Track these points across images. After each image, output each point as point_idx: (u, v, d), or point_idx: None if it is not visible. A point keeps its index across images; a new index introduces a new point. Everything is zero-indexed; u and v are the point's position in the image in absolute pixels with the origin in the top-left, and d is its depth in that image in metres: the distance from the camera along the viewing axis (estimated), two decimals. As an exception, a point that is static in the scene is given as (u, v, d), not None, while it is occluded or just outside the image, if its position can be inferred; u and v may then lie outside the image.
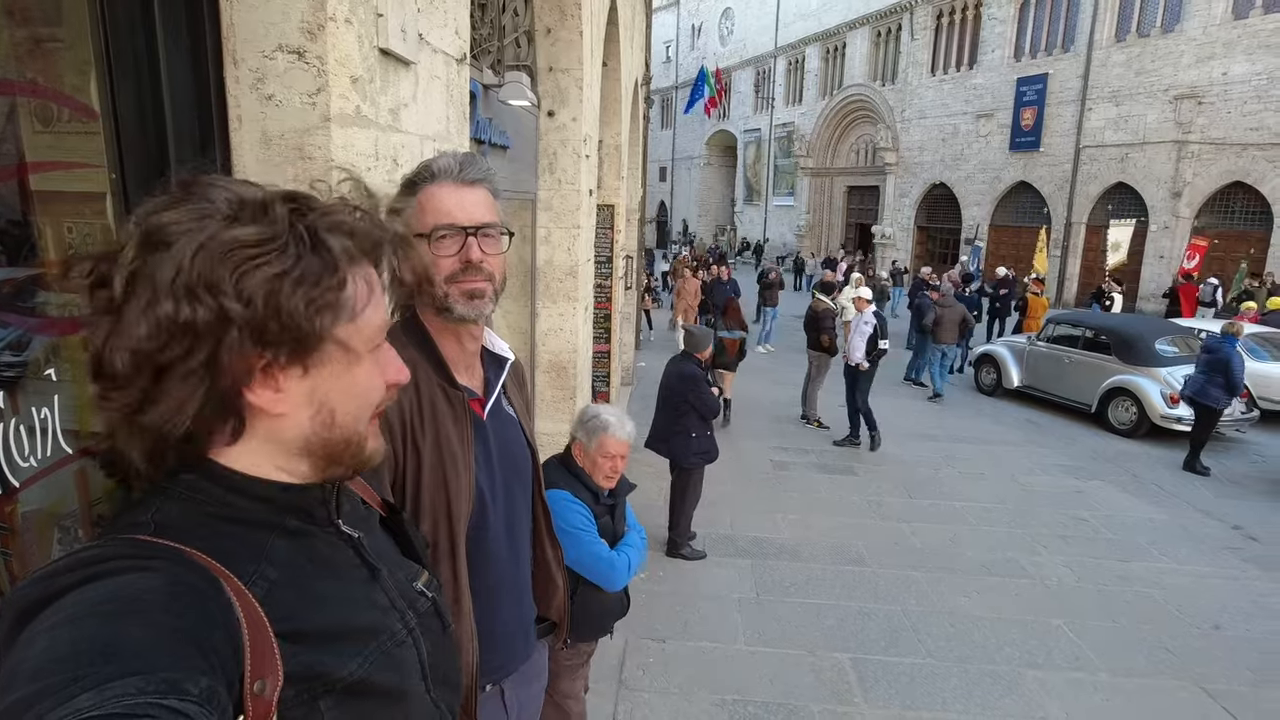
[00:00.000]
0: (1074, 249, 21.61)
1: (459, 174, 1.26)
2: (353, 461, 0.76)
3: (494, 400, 1.41)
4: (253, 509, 0.72)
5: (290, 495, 0.75)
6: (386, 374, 0.77)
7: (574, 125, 4.43)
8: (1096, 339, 9.93)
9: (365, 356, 0.73)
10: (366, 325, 0.72)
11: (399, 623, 0.81)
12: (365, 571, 0.82)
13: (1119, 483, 7.45)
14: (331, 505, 0.81)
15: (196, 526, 0.67)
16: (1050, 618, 4.64)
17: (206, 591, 0.60)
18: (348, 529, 0.82)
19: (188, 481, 0.70)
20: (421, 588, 0.90)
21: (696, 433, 5.09)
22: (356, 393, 0.74)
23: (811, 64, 31.55)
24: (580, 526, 2.41)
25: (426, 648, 0.84)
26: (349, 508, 0.86)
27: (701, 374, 5.11)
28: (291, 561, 0.72)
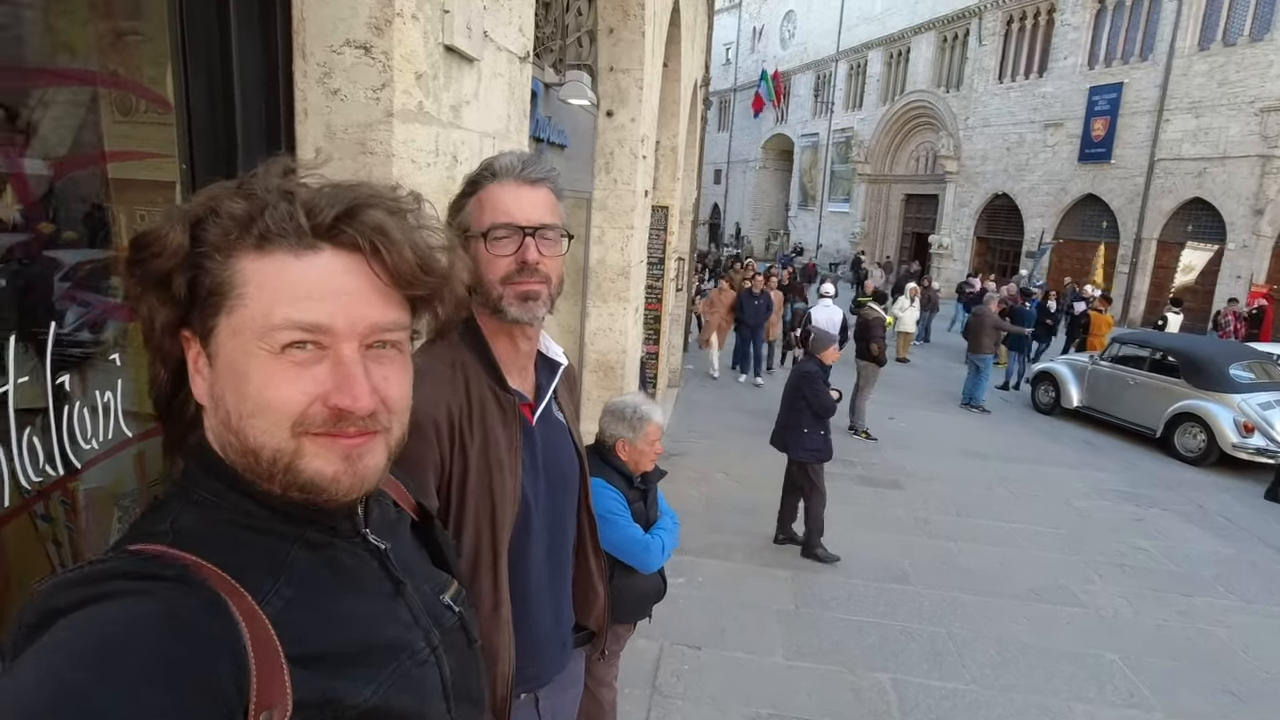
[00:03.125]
0: (1143, 266, 20.71)
1: (520, 172, 1.25)
2: (285, 481, 0.67)
3: (545, 405, 1.40)
4: (272, 519, 0.70)
5: (311, 507, 0.71)
6: (312, 385, 0.66)
7: (632, 126, 4.43)
8: (1164, 360, 9.50)
9: (260, 354, 0.65)
10: (261, 317, 0.64)
11: (422, 640, 0.79)
12: (389, 585, 0.79)
13: (1183, 512, 7.10)
14: (358, 516, 0.78)
15: (215, 537, 0.67)
16: (1104, 650, 4.44)
17: (206, 621, 0.58)
18: (375, 539, 0.79)
19: (208, 486, 0.70)
20: (449, 601, 0.87)
21: (809, 429, 5.28)
22: (249, 395, 0.65)
23: (873, 68, 30.98)
24: (615, 511, 2.50)
25: (450, 665, 0.82)
26: (378, 514, 0.84)
27: (819, 373, 5.33)
28: (311, 576, 0.70)
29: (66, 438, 1.06)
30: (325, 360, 0.66)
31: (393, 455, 0.74)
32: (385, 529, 0.83)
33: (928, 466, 7.88)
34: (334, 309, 0.66)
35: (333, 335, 0.66)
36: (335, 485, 0.68)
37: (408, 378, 0.75)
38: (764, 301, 11.35)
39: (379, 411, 0.69)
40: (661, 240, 7.08)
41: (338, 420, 0.66)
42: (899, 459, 8.03)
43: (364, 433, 0.69)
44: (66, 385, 1.05)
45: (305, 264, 0.66)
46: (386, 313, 0.70)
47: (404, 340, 0.74)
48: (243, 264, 0.66)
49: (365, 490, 0.71)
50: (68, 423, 1.06)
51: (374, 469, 0.70)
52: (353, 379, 0.66)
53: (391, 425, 0.72)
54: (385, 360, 0.71)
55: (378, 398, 0.69)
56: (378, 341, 0.70)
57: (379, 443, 0.71)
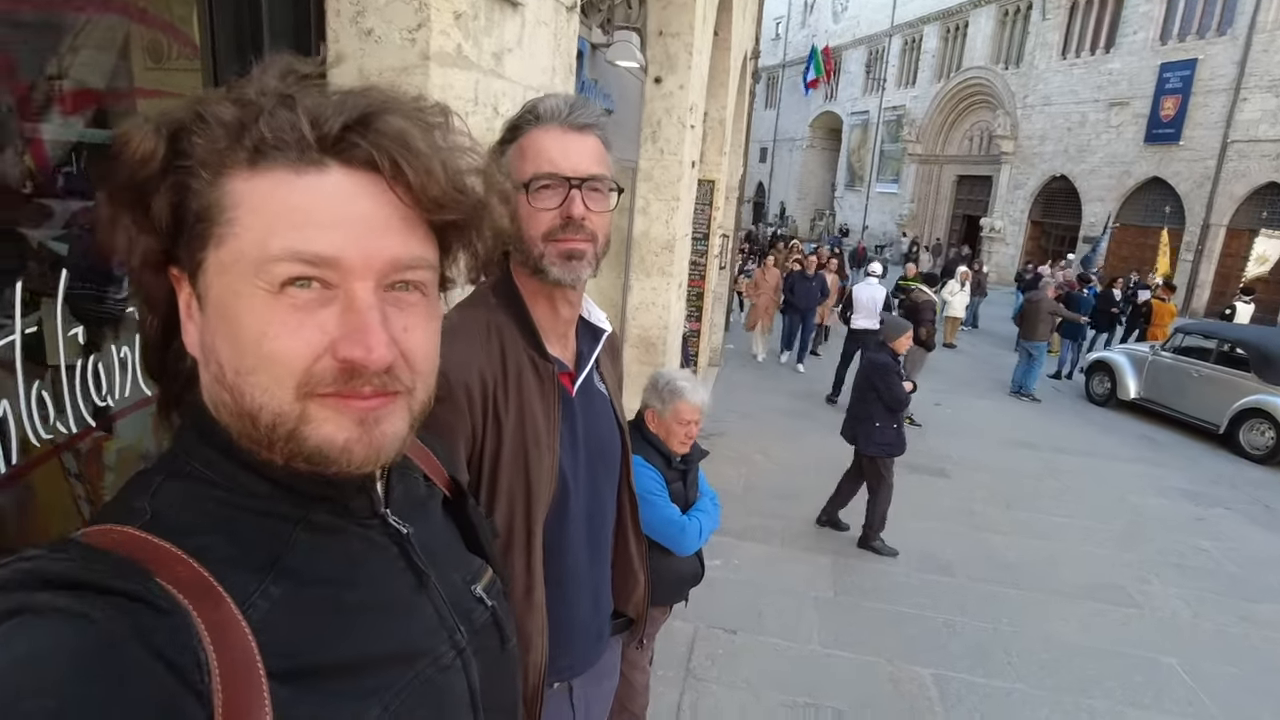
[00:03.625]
0: (1209, 253, 19.76)
1: (567, 117, 1.13)
2: (288, 451, 0.56)
3: (585, 375, 1.30)
4: (273, 496, 0.60)
5: (320, 480, 0.60)
6: (317, 334, 0.55)
7: (680, 93, 4.27)
8: (1232, 353, 9.03)
9: (254, 294, 0.54)
10: (255, 248, 0.54)
11: (446, 643, 0.68)
12: (411, 578, 0.67)
13: (1248, 513, 6.76)
14: (376, 494, 0.66)
15: (201, 518, 0.56)
16: (1161, 655, 4.23)
17: (153, 661, 0.45)
18: (396, 522, 0.68)
19: (201, 454, 0.60)
20: (481, 592, 0.76)
21: (880, 422, 5.08)
22: (244, 345, 0.55)
23: (929, 44, 29.93)
24: (651, 490, 2.40)
25: (479, 670, 0.71)
26: (402, 491, 0.72)
27: (893, 364, 5.11)
28: (312, 567, 0.59)
29: (80, 393, 0.99)
30: (334, 303, 0.55)
31: (416, 422, 0.63)
32: (411, 509, 0.72)
33: (975, 455, 7.63)
34: (344, 239, 0.55)
35: (342, 271, 0.55)
36: (347, 456, 0.57)
37: (434, 329, 0.64)
38: (818, 283, 10.80)
39: (398, 367, 0.58)
40: (706, 215, 6.90)
41: (349, 377, 0.55)
42: (945, 446, 7.78)
43: (381, 393, 0.57)
44: (80, 338, 0.99)
45: (309, 184, 0.55)
46: (409, 245, 0.59)
47: (430, 283, 0.62)
48: (233, 184, 0.55)
49: (382, 462, 0.60)
50: (81, 378, 0.99)
51: (393, 437, 0.59)
52: (367, 326, 0.55)
53: (415, 385, 0.61)
54: (407, 306, 0.60)
55: (396, 350, 0.57)
56: (399, 282, 0.59)
57: (399, 406, 0.60)
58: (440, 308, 0.66)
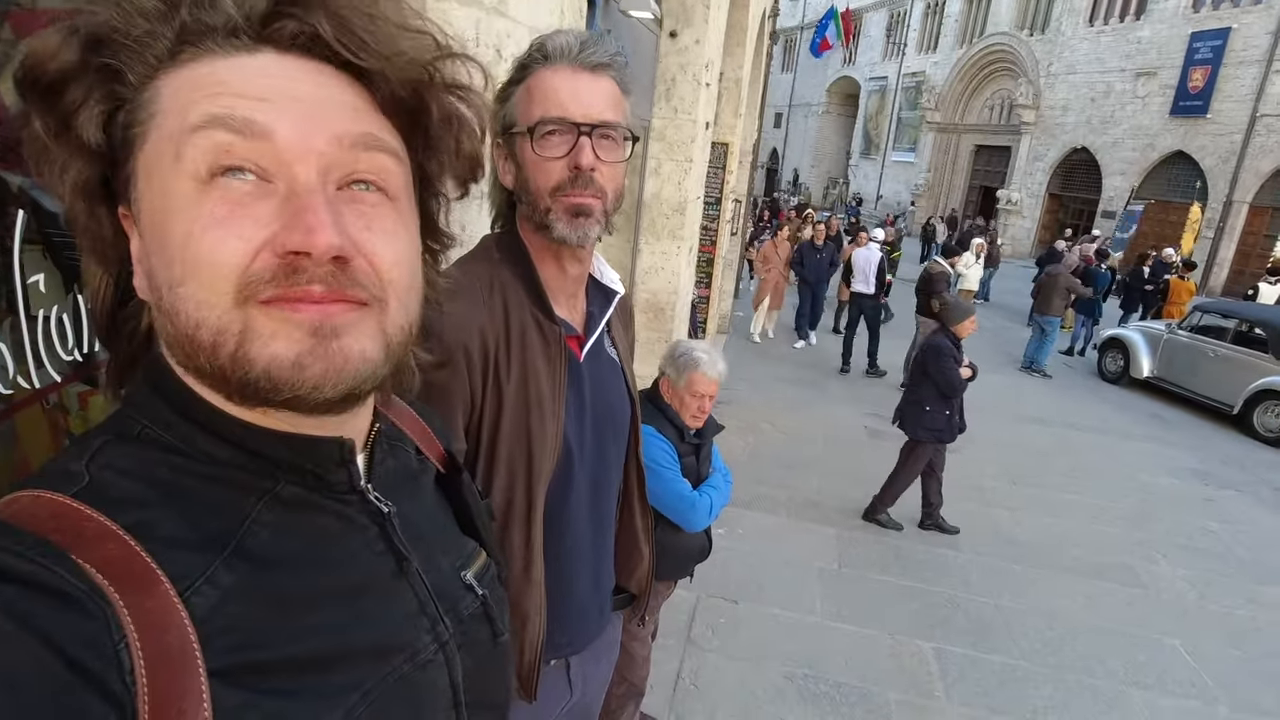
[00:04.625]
0: (1230, 231, 19.38)
1: (579, 55, 1.03)
2: (238, 379, 0.48)
3: (595, 339, 1.22)
4: (234, 462, 0.52)
5: (290, 446, 0.53)
6: (253, 227, 0.46)
7: (696, 49, 4.10)
8: (1250, 333, 8.87)
9: (182, 188, 0.46)
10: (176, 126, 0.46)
11: (427, 634, 0.60)
12: (391, 562, 0.60)
13: (1258, 495, 6.68)
14: (355, 467, 0.58)
15: (146, 486, 0.49)
16: (1165, 636, 4.20)
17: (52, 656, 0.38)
18: (377, 499, 0.60)
19: (153, 412, 0.52)
20: (472, 580, 0.69)
21: (931, 407, 4.91)
22: (174, 252, 0.46)
23: (953, 7, 29.09)
24: (663, 463, 2.33)
25: (465, 665, 0.64)
26: (389, 466, 0.65)
27: (949, 348, 4.90)
28: (275, 548, 0.51)
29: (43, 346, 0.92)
30: (274, 196, 0.47)
31: (393, 350, 0.53)
32: (399, 484, 0.64)
33: (983, 430, 7.53)
34: (279, 112, 0.47)
35: (278, 150, 0.47)
36: (299, 375, 0.47)
37: (407, 237, 0.55)
38: (827, 255, 10.25)
39: (358, 268, 0.49)
40: (719, 179, 6.74)
41: (292, 272, 0.47)
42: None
43: (337, 296, 0.48)
44: (41, 286, 0.91)
45: (239, 62, 0.48)
46: (359, 121, 0.51)
47: (395, 180, 0.54)
48: (159, 81, 0.48)
49: (346, 385, 0.50)
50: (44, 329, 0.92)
51: (357, 354, 0.50)
52: (307, 207, 0.47)
53: (385, 296, 0.52)
54: (366, 205, 0.51)
55: (349, 239, 0.49)
56: (354, 179, 0.50)
57: (367, 320, 0.51)
58: (415, 219, 0.58)
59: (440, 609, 0.62)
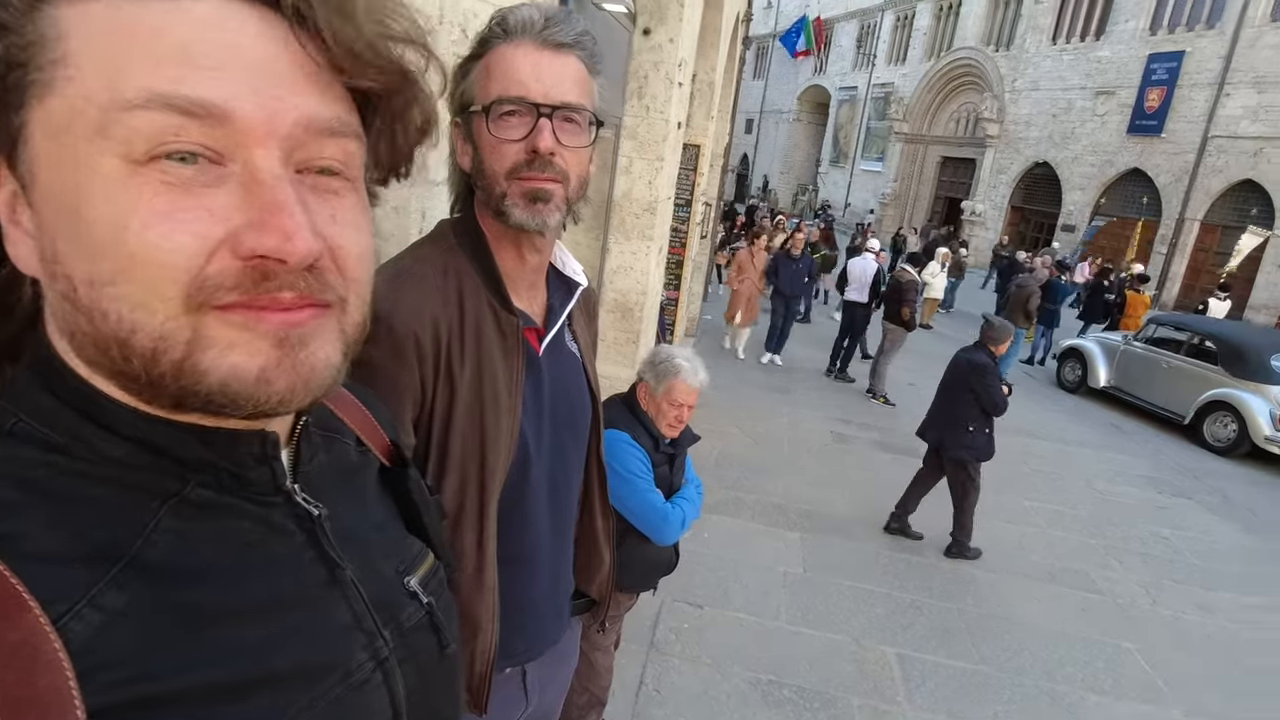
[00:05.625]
0: (1182, 247, 20.00)
1: (542, 31, 0.97)
2: (179, 390, 0.41)
3: (555, 332, 1.16)
4: (131, 463, 0.44)
5: (203, 442, 0.46)
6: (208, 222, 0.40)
7: (670, 47, 4.06)
8: (1202, 345, 9.12)
9: (108, 166, 0.38)
10: (102, 92, 0.38)
11: (363, 650, 0.53)
12: (320, 570, 0.53)
13: (1208, 503, 6.86)
14: (280, 464, 0.51)
15: (18, 490, 0.41)
16: (1120, 640, 4.27)
17: None
18: (304, 500, 0.53)
19: (34, 404, 0.44)
20: (416, 586, 0.62)
21: (974, 426, 4.88)
22: (100, 243, 0.39)
23: (921, 21, 29.61)
24: (636, 472, 2.25)
25: (408, 681, 0.57)
26: (320, 461, 0.57)
27: (994, 367, 4.89)
28: (179, 561, 0.44)
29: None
30: (227, 182, 0.40)
31: (350, 350, 0.48)
32: (332, 481, 0.57)
33: (946, 437, 7.64)
34: (235, 84, 0.39)
35: (236, 133, 0.40)
36: (265, 390, 0.42)
37: (368, 227, 0.49)
38: (804, 267, 9.66)
39: (326, 267, 0.44)
40: (690, 181, 6.71)
41: (260, 279, 0.41)
42: (917, 426, 7.77)
43: (308, 302, 0.43)
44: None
45: (175, 5, 0.39)
46: (327, 104, 0.43)
47: (358, 166, 0.48)
48: (58, 9, 0.38)
49: (312, 396, 0.45)
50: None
51: (324, 365, 0.45)
52: (280, 206, 0.40)
53: (347, 296, 0.46)
54: (331, 194, 0.45)
55: (323, 241, 0.43)
56: (319, 165, 0.44)
57: (329, 323, 0.45)
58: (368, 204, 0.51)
59: (379, 621, 0.56)
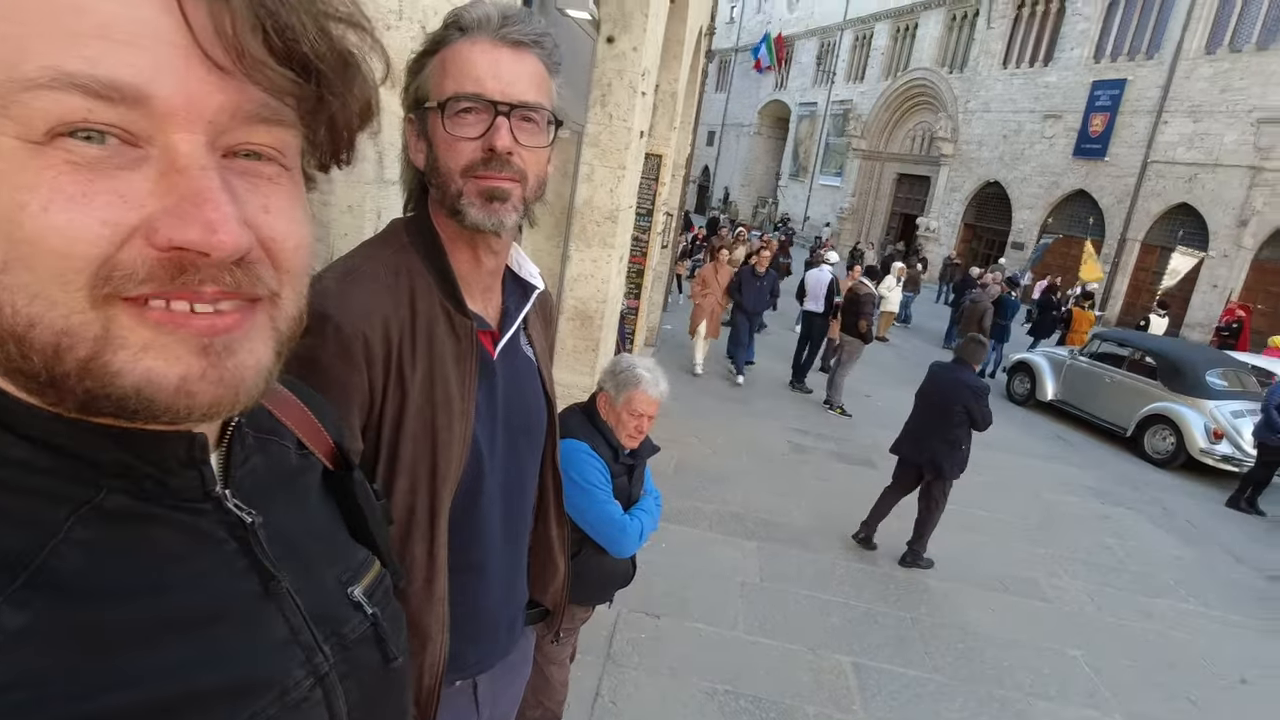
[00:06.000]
0: (1124, 266, 20.79)
1: (500, 28, 0.95)
2: (85, 393, 0.38)
3: (510, 336, 1.13)
4: (34, 465, 0.40)
5: (122, 445, 0.42)
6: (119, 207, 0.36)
7: (634, 55, 4.07)
8: (1142, 361, 9.47)
9: (5, 141, 0.34)
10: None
11: (301, 667, 0.50)
12: (253, 581, 0.49)
13: (1148, 514, 7.10)
14: (207, 468, 0.47)
15: None
16: (1067, 647, 4.37)
17: None
18: (237, 506, 0.49)
19: None
20: (360, 597, 0.58)
21: (966, 445, 4.97)
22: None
23: (879, 41, 30.32)
24: (594, 483, 2.21)
25: (351, 698, 0.54)
26: (255, 464, 0.53)
27: (987, 388, 5.01)
28: (92, 576, 0.40)
29: None
30: (143, 165, 0.37)
31: (284, 347, 0.45)
32: (269, 486, 0.54)
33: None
34: (155, 61, 0.36)
35: (154, 116, 0.36)
36: (185, 400, 0.39)
37: (304, 216, 0.45)
38: (768, 284, 9.41)
39: (257, 259, 0.40)
40: (652, 191, 6.73)
41: (179, 272, 0.37)
42: (873, 437, 7.89)
43: (235, 295, 0.40)
44: None
45: None
46: (258, 89, 0.40)
47: (294, 152, 0.44)
48: None
49: (242, 407, 0.42)
50: None
51: (255, 371, 0.42)
52: (203, 194, 0.37)
53: (280, 290, 0.43)
54: (263, 181, 0.42)
55: (252, 234, 0.39)
56: (246, 148, 0.41)
57: (260, 321, 0.42)
58: (303, 190, 0.47)
59: (318, 635, 0.52)
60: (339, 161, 0.50)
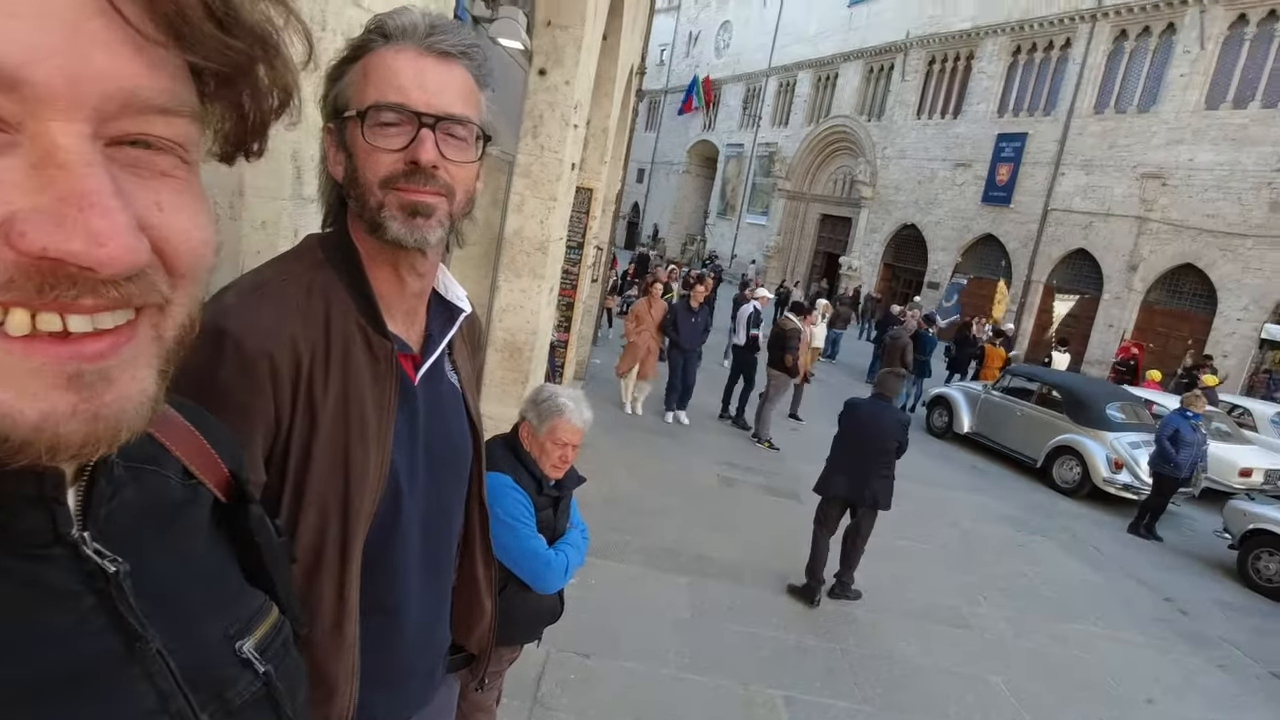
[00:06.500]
0: (1029, 307, 22.07)
1: (427, 37, 0.90)
2: None
3: (433, 361, 1.06)
4: None
5: None
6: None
7: (566, 89, 4.09)
8: (1049, 395, 9.99)
9: None
10: None
11: None
12: (114, 641, 0.42)
13: (1059, 541, 7.41)
14: (61, 508, 0.40)
15: None
16: (989, 673, 4.47)
17: None
18: (98, 551, 0.42)
19: None
20: (251, 652, 0.51)
21: (894, 476, 5.12)
22: None
23: (802, 89, 31.69)
24: (518, 517, 2.13)
25: None
26: (124, 500, 0.45)
27: (910, 419, 5.15)
28: None
29: None
30: (12, 154, 0.31)
31: (169, 359, 0.39)
32: (142, 525, 0.46)
33: (827, 479, 7.90)
34: (34, 43, 0.30)
35: (28, 99, 0.31)
36: (47, 441, 0.33)
37: (207, 214, 0.39)
38: (701, 320, 9.06)
39: (152, 270, 0.35)
40: (583, 224, 6.75)
41: (49, 285, 0.31)
42: (800, 471, 7.98)
43: (113, 304, 0.34)
44: None
45: None
46: (155, 73, 0.34)
47: (194, 145, 0.39)
48: None
49: (123, 439, 0.36)
50: None
51: (136, 396, 0.36)
52: (88, 199, 0.31)
53: (173, 298, 0.37)
54: (156, 175, 0.36)
55: (145, 242, 0.34)
56: (136, 137, 0.35)
57: (142, 337, 0.36)
58: (199, 182, 0.41)
59: (194, 702, 0.45)
60: (247, 153, 0.44)
